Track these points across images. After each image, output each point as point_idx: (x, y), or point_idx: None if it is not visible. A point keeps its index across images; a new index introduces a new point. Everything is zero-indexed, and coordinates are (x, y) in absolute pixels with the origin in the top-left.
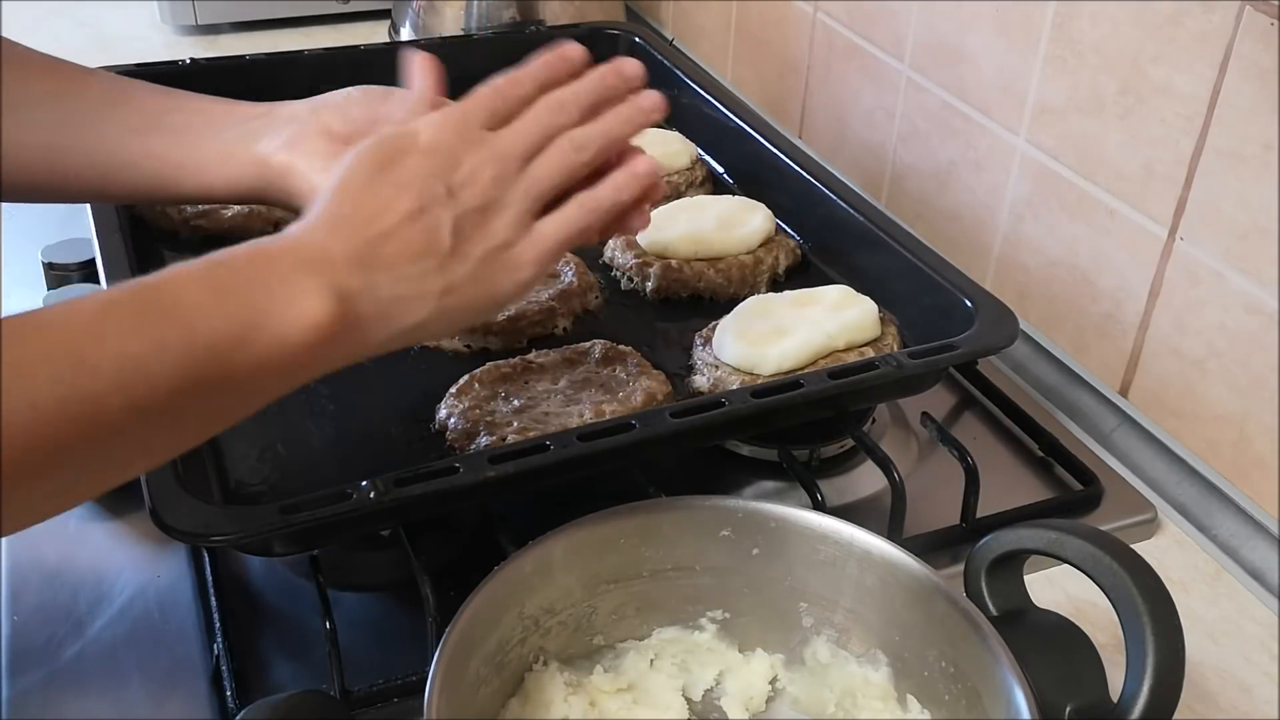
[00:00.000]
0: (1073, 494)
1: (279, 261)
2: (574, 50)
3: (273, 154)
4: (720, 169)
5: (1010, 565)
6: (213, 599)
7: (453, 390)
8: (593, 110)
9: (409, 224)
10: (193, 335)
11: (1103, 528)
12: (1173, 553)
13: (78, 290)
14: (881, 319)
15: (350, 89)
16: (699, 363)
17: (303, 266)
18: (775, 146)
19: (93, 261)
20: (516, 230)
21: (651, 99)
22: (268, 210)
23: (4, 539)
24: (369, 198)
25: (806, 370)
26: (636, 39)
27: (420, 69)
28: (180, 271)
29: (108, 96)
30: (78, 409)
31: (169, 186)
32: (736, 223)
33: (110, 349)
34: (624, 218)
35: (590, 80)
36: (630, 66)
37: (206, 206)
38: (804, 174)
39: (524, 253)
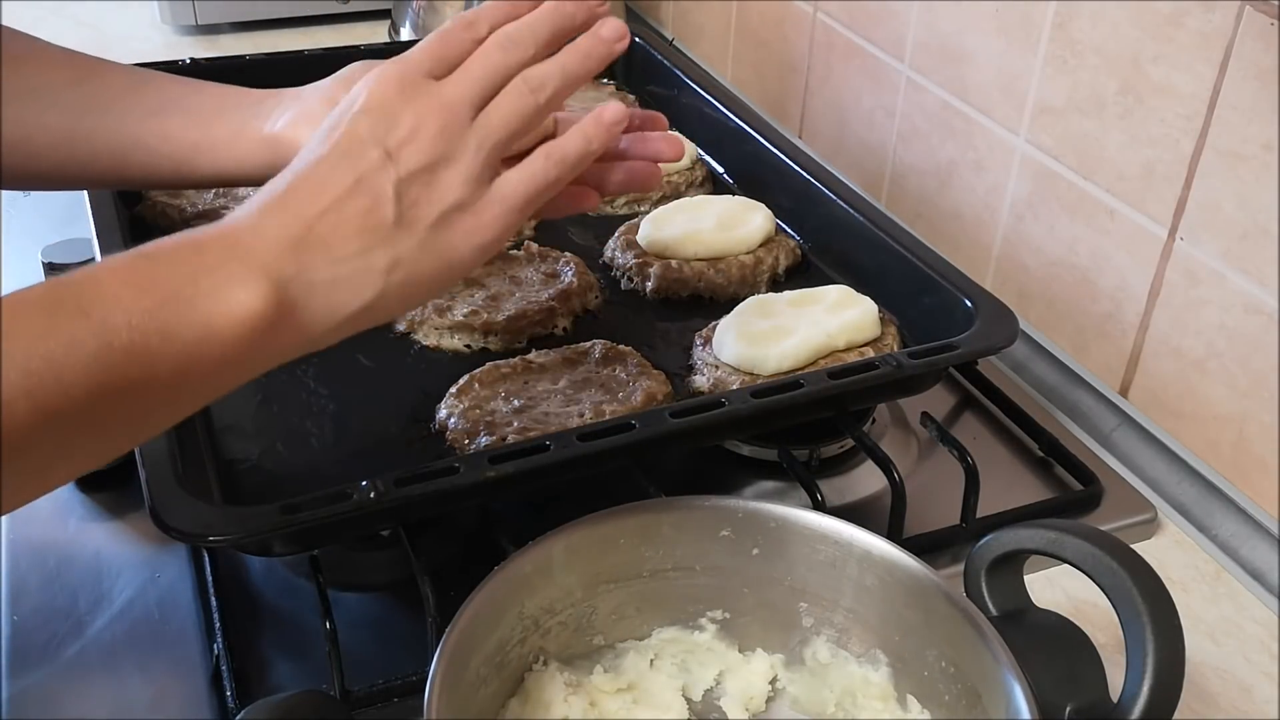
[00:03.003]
0: (1073, 494)
1: (207, 250)
2: None
3: (279, 131)
4: (720, 169)
5: (1010, 565)
6: (213, 599)
7: (453, 390)
8: (551, 44)
9: (345, 198)
10: (109, 334)
11: (1103, 528)
12: (1173, 553)
13: None
14: (881, 319)
15: (352, 64)
16: (699, 363)
17: (232, 253)
18: (775, 146)
19: (93, 261)
20: (471, 188)
21: (612, 27)
22: None
23: (4, 539)
24: (306, 174)
25: (806, 370)
26: (637, 39)
27: None
28: (101, 266)
29: (126, 83)
30: None
31: (183, 168)
32: (736, 223)
33: (16, 350)
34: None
35: (545, 10)
36: None
37: (206, 206)
38: (804, 174)
39: (483, 212)
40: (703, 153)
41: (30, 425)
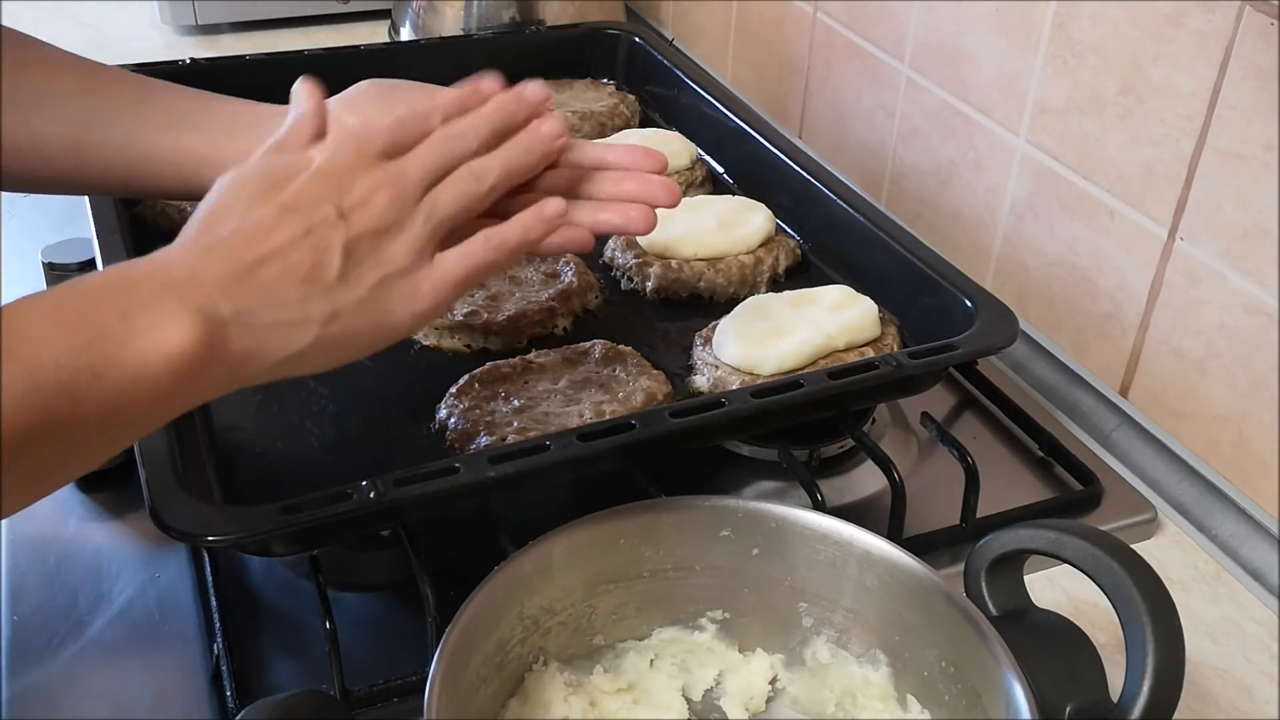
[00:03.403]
0: (1073, 494)
1: (138, 286)
2: (490, 86)
3: None
4: (720, 169)
5: (1010, 565)
6: (213, 599)
7: (453, 390)
8: (494, 139)
9: (293, 247)
10: (36, 372)
11: (1103, 528)
12: (1173, 553)
13: None
14: (881, 319)
15: (359, 84)
16: (699, 363)
17: (166, 290)
18: (775, 146)
19: (93, 262)
20: (414, 257)
21: (551, 125)
22: None
23: (4, 539)
24: (249, 220)
25: (806, 370)
26: (637, 39)
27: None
28: (29, 301)
29: (135, 94)
30: None
31: (192, 182)
32: (736, 223)
33: None
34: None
35: (489, 108)
36: (533, 91)
37: None
38: (804, 174)
39: (422, 283)
40: (703, 153)
41: None
